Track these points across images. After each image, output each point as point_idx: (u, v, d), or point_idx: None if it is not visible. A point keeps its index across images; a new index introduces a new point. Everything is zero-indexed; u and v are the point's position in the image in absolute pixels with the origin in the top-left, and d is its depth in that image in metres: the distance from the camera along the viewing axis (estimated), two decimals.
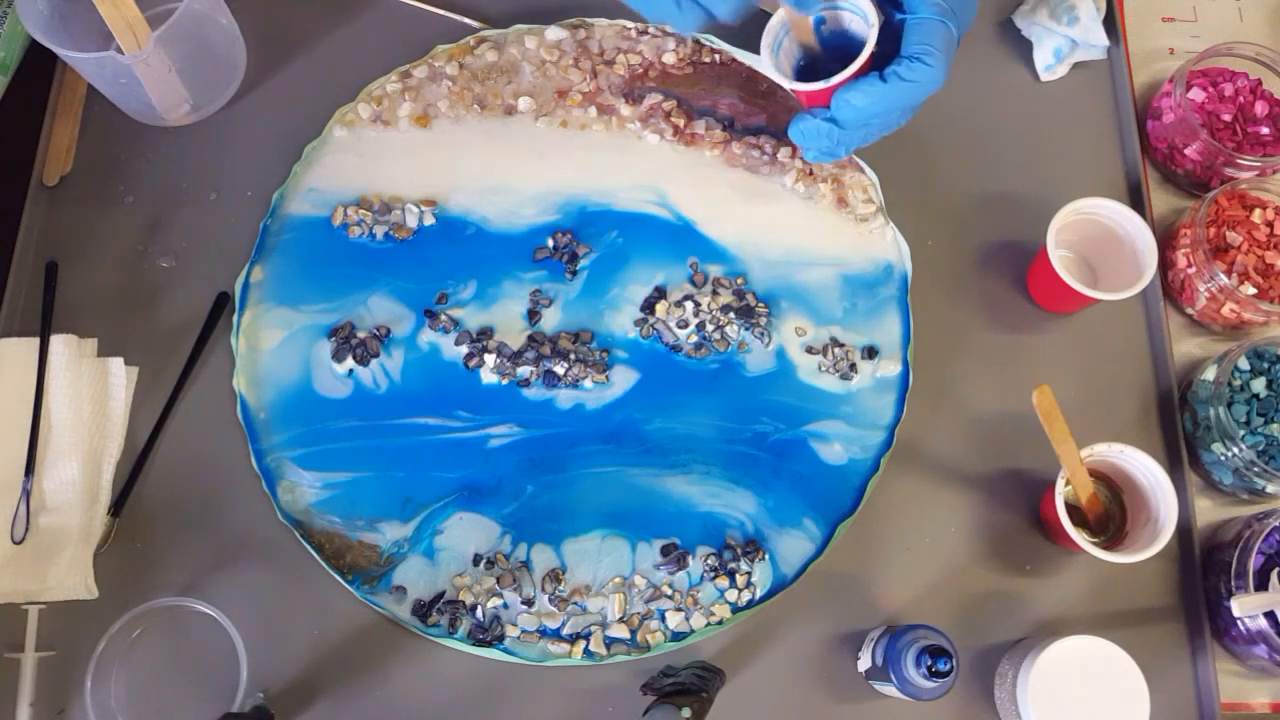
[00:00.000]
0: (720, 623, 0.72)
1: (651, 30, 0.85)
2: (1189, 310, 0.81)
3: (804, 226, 0.80)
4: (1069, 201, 0.75)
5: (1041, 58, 0.86)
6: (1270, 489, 0.74)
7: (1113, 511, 0.74)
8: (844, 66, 0.64)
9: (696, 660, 0.69)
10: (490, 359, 0.76)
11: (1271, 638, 0.69)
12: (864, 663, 0.70)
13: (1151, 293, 0.80)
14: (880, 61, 0.66)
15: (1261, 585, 0.70)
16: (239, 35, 0.83)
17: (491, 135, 0.82)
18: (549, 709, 0.71)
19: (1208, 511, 0.77)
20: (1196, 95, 0.82)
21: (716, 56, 0.85)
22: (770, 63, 0.67)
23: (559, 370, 0.76)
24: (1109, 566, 0.70)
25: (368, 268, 0.79)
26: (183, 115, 0.82)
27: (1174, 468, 0.77)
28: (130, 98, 0.79)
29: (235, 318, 0.77)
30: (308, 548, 0.72)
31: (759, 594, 0.73)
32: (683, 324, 0.78)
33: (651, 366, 0.77)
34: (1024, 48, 0.87)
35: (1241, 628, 0.70)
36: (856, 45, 0.65)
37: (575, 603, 0.72)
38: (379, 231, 0.79)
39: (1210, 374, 0.75)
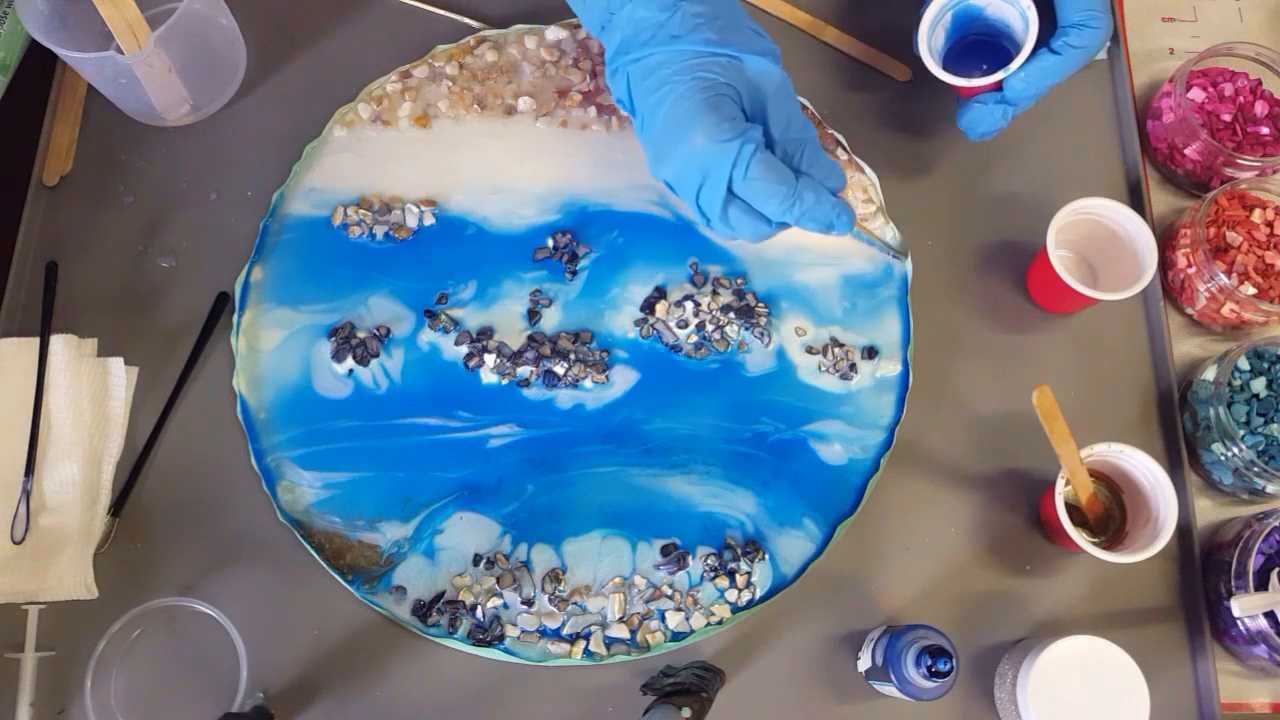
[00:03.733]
0: (720, 623, 0.72)
1: None
2: (1189, 310, 0.81)
3: None
4: (1069, 201, 0.75)
5: None
6: (1270, 489, 0.74)
7: (1113, 511, 0.74)
8: (987, 43, 0.68)
9: (696, 660, 0.69)
10: (490, 359, 0.76)
11: (1271, 638, 0.69)
12: (864, 663, 0.70)
13: (1151, 293, 0.80)
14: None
15: (1261, 585, 0.70)
16: (239, 35, 0.83)
17: (491, 135, 0.82)
18: (549, 709, 0.71)
19: (1208, 511, 0.77)
20: (1196, 95, 0.82)
21: None
22: (933, 64, 0.72)
23: (559, 370, 0.76)
24: (1109, 566, 0.70)
25: (368, 268, 0.79)
26: (183, 115, 0.82)
27: (1174, 468, 0.77)
28: (130, 98, 0.79)
29: (235, 318, 0.77)
30: (308, 548, 0.72)
31: (759, 594, 0.73)
32: (683, 324, 0.78)
33: (651, 366, 0.77)
34: None
35: (1241, 628, 0.70)
36: (991, 23, 0.67)
37: (575, 603, 0.72)
38: (379, 231, 0.79)
39: (1210, 374, 0.75)
